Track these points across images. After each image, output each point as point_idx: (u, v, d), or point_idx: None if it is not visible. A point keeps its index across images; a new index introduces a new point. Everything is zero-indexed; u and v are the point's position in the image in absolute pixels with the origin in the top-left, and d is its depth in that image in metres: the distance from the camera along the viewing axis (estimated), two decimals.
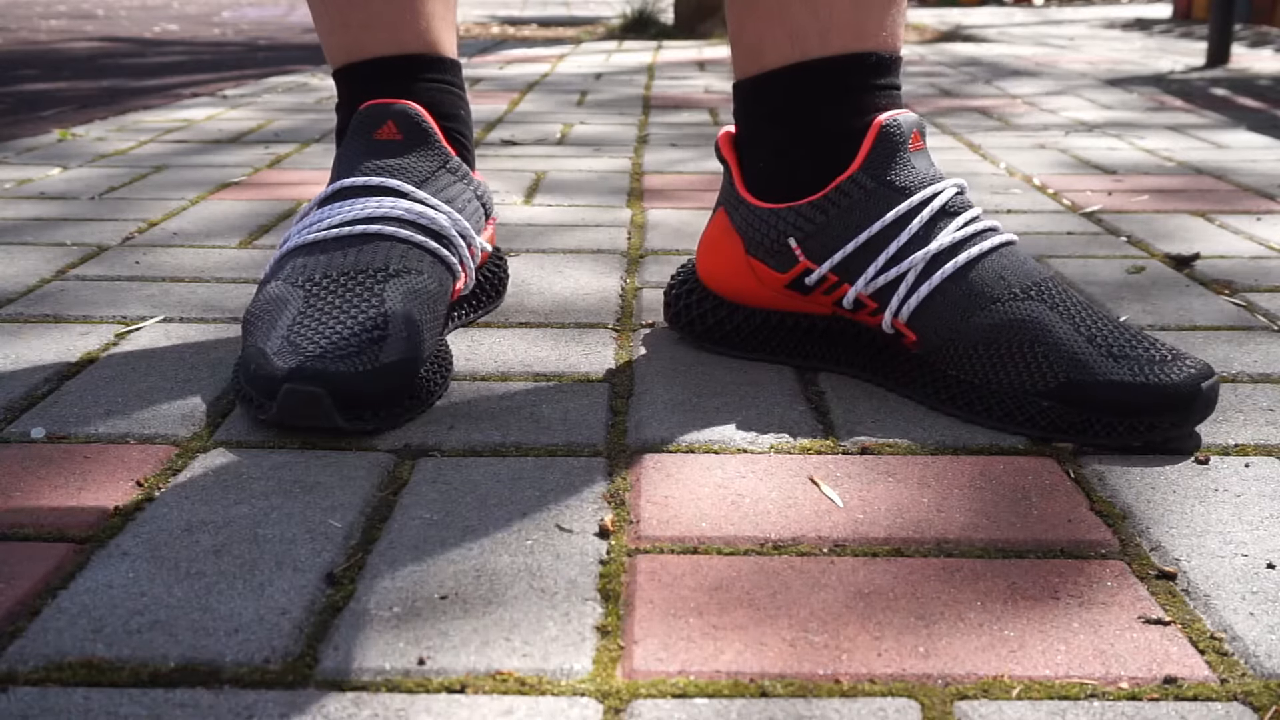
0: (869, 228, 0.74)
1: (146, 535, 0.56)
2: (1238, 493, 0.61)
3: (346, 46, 0.85)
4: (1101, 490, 0.62)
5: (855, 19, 0.75)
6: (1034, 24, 5.19)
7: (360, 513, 0.59)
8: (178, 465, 0.64)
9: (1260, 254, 1.10)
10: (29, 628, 0.48)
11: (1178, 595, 0.52)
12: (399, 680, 0.45)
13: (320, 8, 0.85)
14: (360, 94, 0.84)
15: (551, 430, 0.69)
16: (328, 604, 0.51)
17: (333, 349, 0.67)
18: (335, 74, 0.87)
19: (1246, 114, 2.08)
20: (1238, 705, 0.44)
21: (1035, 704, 0.44)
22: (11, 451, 0.65)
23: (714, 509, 0.59)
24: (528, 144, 1.73)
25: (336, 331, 0.69)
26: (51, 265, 1.03)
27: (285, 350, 0.68)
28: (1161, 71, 2.86)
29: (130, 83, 2.67)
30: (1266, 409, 0.72)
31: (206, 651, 0.47)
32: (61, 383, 0.75)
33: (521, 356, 0.81)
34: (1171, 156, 1.63)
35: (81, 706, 0.43)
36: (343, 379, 0.65)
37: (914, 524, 0.58)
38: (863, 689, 0.45)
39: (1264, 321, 0.89)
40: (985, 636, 0.48)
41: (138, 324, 0.87)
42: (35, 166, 1.52)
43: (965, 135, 1.83)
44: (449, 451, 0.66)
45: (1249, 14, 4.76)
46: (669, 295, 0.84)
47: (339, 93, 0.87)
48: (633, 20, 4.29)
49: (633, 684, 0.45)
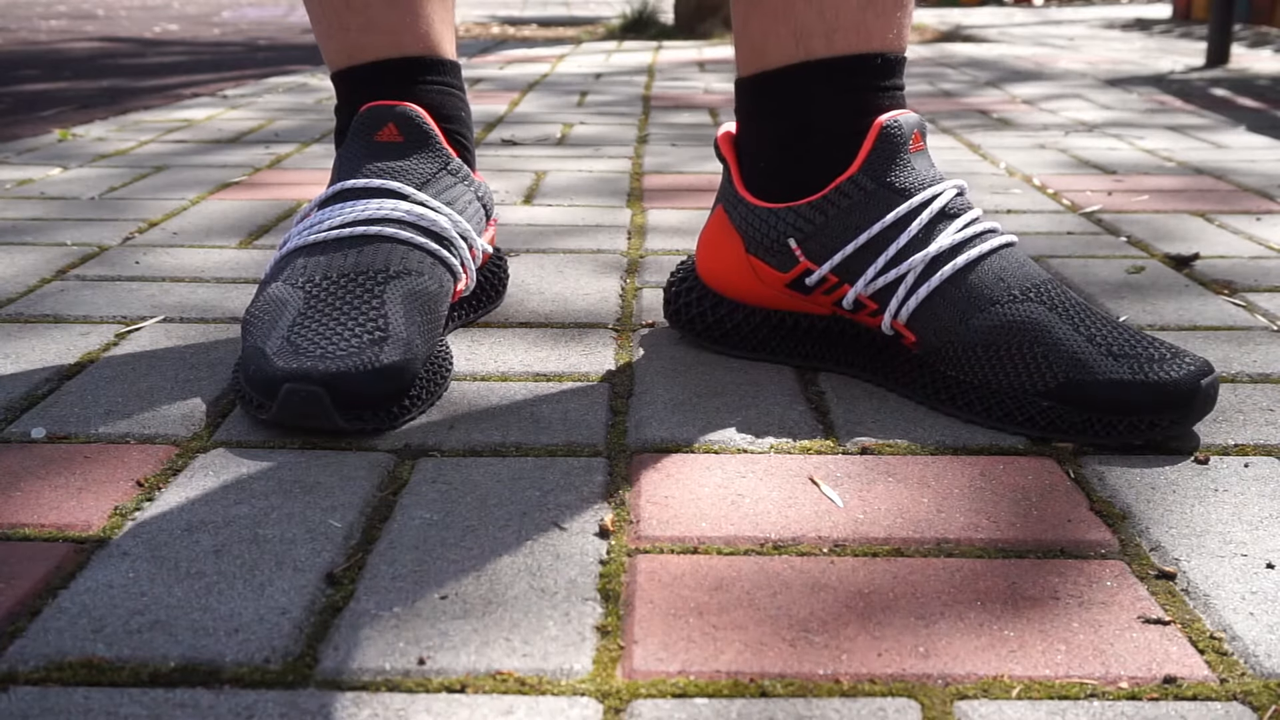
0: (868, 229, 0.74)
1: (146, 535, 0.56)
2: (1237, 493, 0.61)
3: (346, 49, 0.85)
4: (1101, 490, 0.62)
5: (862, 20, 0.74)
6: (1034, 24, 5.19)
7: (360, 513, 0.59)
8: (178, 465, 0.64)
9: (1260, 254, 1.10)
10: (29, 628, 0.48)
11: (1177, 595, 0.52)
12: (399, 680, 0.45)
13: (318, 11, 0.85)
14: (360, 96, 0.84)
15: (551, 430, 0.69)
16: (328, 604, 0.51)
17: (333, 350, 0.67)
18: (334, 76, 0.87)
19: (1246, 114, 2.08)
20: (1237, 705, 0.44)
21: (1035, 704, 0.44)
22: (11, 451, 0.65)
23: (714, 509, 0.59)
24: (528, 144, 1.73)
25: (337, 333, 0.69)
26: (51, 265, 1.03)
27: (285, 350, 0.68)
28: (1161, 72, 2.86)
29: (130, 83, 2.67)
30: (1266, 409, 0.72)
31: (206, 651, 0.47)
32: (61, 383, 0.75)
33: (521, 356, 0.81)
34: (1171, 156, 1.63)
35: (81, 706, 0.43)
36: (343, 379, 0.65)
37: (914, 524, 0.58)
38: (863, 689, 0.45)
39: (1264, 321, 0.89)
40: (985, 636, 0.48)
41: (138, 324, 0.87)
42: (35, 166, 1.52)
43: (965, 135, 1.83)
44: (449, 451, 0.66)
45: (1249, 14, 4.76)
46: (669, 292, 0.84)
47: (338, 95, 0.87)
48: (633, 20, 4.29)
49: (633, 684, 0.45)
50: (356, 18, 0.83)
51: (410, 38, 0.84)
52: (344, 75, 0.86)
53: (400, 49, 0.84)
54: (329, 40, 0.86)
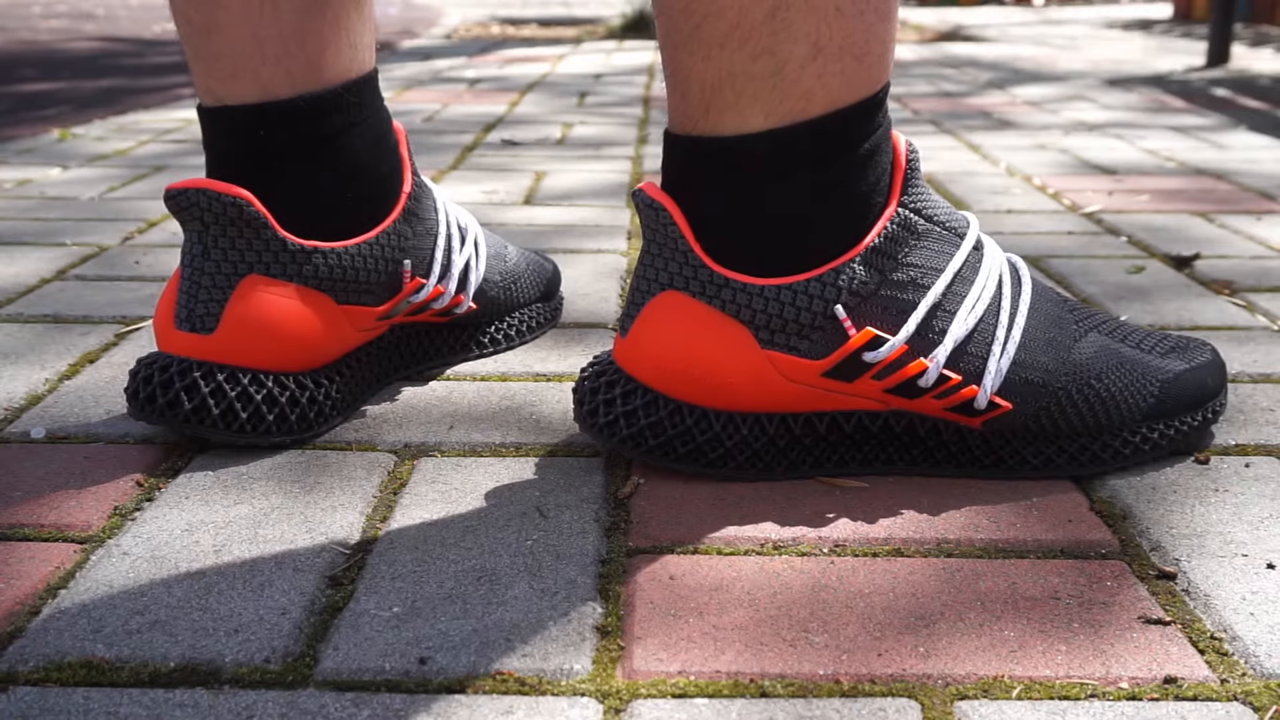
0: (938, 280, 0.60)
1: (146, 535, 0.56)
2: (1238, 493, 0.61)
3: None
4: (1101, 490, 0.62)
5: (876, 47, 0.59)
6: (1034, 24, 5.19)
7: (360, 513, 0.59)
8: (178, 465, 0.64)
9: (1260, 254, 1.10)
10: (29, 628, 0.48)
11: (1178, 595, 0.52)
12: (399, 680, 0.45)
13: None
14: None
15: (551, 430, 0.69)
16: (328, 604, 0.51)
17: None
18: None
19: (1247, 114, 2.08)
20: (1238, 705, 0.44)
21: (1035, 704, 0.44)
22: (11, 451, 0.65)
23: (714, 509, 0.59)
24: (527, 145, 1.73)
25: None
26: (51, 265, 1.03)
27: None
28: (1162, 71, 2.86)
29: (130, 83, 2.67)
30: (1266, 409, 0.72)
31: (206, 651, 0.47)
32: (61, 383, 0.75)
33: (521, 357, 0.81)
34: (1172, 157, 1.63)
35: (81, 706, 0.43)
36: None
37: (914, 524, 0.58)
38: (863, 689, 0.45)
39: (1264, 321, 0.89)
40: (985, 636, 0.48)
41: (138, 324, 0.87)
42: (35, 166, 1.52)
43: (965, 135, 1.83)
44: (449, 451, 0.66)
45: (1249, 14, 4.76)
46: (602, 417, 0.62)
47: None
48: (633, 20, 4.28)
49: (633, 684, 0.45)
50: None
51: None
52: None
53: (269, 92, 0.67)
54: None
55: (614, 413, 0.61)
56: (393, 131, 0.73)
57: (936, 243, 0.61)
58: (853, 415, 0.62)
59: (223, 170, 0.67)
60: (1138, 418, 0.64)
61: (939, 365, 0.59)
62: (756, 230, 0.60)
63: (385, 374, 0.74)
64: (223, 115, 0.67)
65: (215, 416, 0.63)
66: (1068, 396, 0.62)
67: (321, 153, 0.68)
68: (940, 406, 0.61)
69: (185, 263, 0.65)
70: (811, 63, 0.57)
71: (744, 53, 0.57)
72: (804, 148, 0.59)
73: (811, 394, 0.61)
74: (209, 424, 0.64)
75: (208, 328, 0.64)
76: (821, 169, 0.59)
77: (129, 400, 0.65)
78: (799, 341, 0.59)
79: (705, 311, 0.60)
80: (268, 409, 0.65)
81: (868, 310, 0.59)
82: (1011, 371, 0.61)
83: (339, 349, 0.69)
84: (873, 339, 0.59)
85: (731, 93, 0.58)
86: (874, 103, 0.60)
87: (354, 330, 0.69)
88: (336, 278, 0.67)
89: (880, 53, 0.59)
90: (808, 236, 0.60)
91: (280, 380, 0.65)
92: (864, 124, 0.59)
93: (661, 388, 0.61)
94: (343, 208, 0.69)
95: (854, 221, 0.60)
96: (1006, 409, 0.61)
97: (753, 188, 0.59)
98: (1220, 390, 0.67)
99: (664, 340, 0.60)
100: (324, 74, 0.67)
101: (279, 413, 0.65)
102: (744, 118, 0.58)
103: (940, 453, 0.63)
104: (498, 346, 0.81)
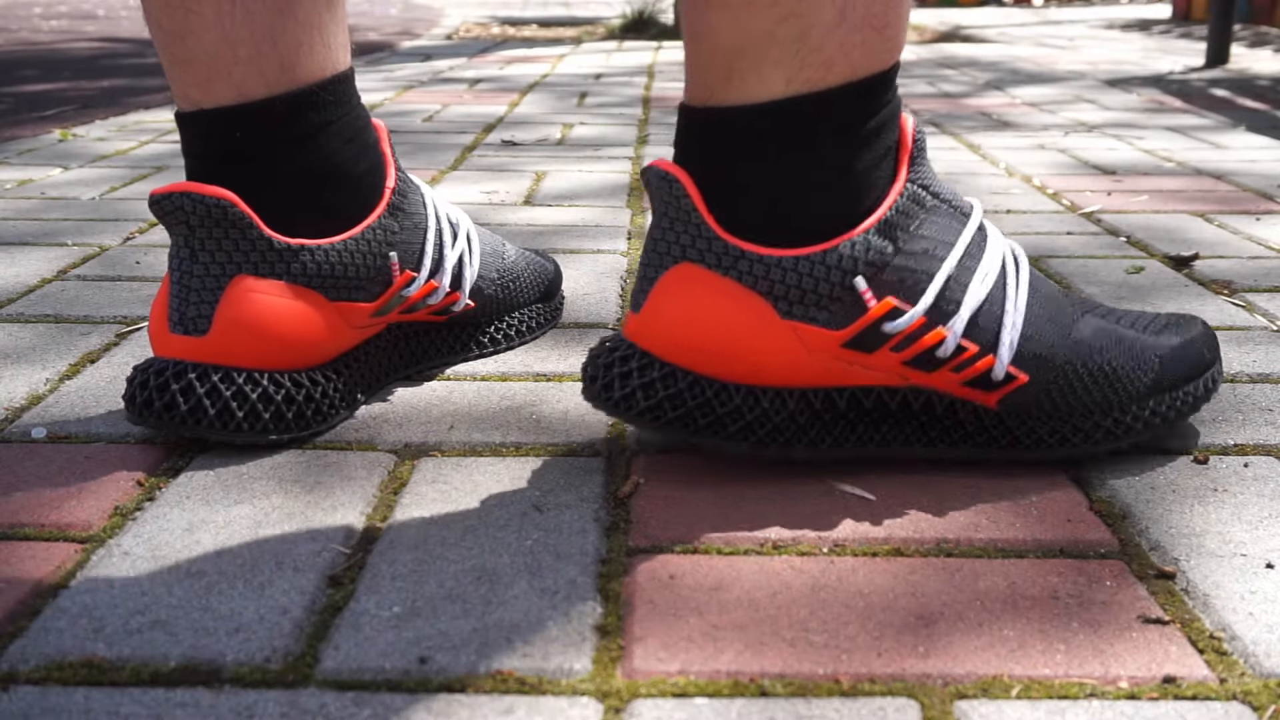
0: (950, 252, 0.61)
1: (146, 535, 0.56)
2: (1237, 493, 0.61)
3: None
4: (1101, 490, 0.62)
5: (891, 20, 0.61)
6: (1034, 24, 5.19)
7: (360, 513, 0.59)
8: (178, 465, 0.64)
9: (1260, 254, 1.10)
10: (29, 628, 0.48)
11: (1177, 595, 0.52)
12: (399, 680, 0.45)
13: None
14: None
15: (551, 430, 0.69)
16: (328, 604, 0.51)
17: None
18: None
19: (1246, 114, 2.08)
20: (1237, 705, 0.44)
21: (1035, 704, 0.44)
22: (11, 451, 0.65)
23: (714, 509, 0.59)
24: (528, 145, 1.73)
25: None
26: (51, 265, 1.03)
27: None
28: (1161, 72, 2.86)
29: (130, 83, 2.67)
30: (1265, 409, 0.72)
31: (207, 651, 0.47)
32: (62, 383, 0.75)
33: (521, 357, 0.81)
34: (1171, 157, 1.63)
35: (82, 706, 0.43)
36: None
37: (914, 524, 0.58)
38: (863, 689, 0.45)
39: (1264, 321, 0.89)
40: (985, 636, 0.49)
41: (138, 324, 0.87)
42: (35, 167, 1.52)
43: (965, 135, 1.83)
44: (449, 451, 0.66)
45: (1248, 14, 4.76)
46: (618, 391, 0.61)
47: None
48: (633, 20, 4.28)
49: (633, 684, 0.45)
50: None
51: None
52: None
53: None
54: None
55: (631, 385, 0.60)
56: (371, 128, 0.73)
57: (945, 218, 0.61)
58: (871, 391, 0.62)
59: (203, 173, 0.67)
60: (1143, 392, 0.64)
61: (957, 335, 0.60)
62: (771, 201, 0.60)
63: (385, 373, 0.74)
64: (200, 119, 0.67)
65: (211, 417, 0.64)
66: (1074, 371, 0.63)
67: (299, 152, 0.68)
68: (958, 380, 0.61)
69: (174, 267, 0.65)
70: (836, 29, 0.58)
71: (772, 14, 0.57)
72: (822, 116, 0.59)
73: (832, 367, 0.61)
74: (205, 425, 0.64)
75: (200, 330, 0.64)
76: (838, 139, 0.60)
77: (127, 406, 0.65)
78: (818, 312, 0.60)
79: (723, 283, 0.59)
80: (264, 407, 0.65)
81: (884, 280, 0.60)
82: (1022, 344, 0.62)
83: (335, 347, 0.69)
84: (892, 309, 0.59)
85: (756, 55, 0.58)
86: (888, 77, 0.61)
87: (349, 328, 0.69)
88: (325, 274, 0.67)
89: (898, 27, 0.61)
90: (822, 207, 0.60)
91: (276, 379, 0.65)
92: (879, 97, 0.60)
93: (679, 361, 0.61)
94: (324, 205, 0.69)
95: (866, 194, 0.60)
96: (1023, 381, 0.61)
97: (770, 156, 0.59)
98: (1216, 360, 0.68)
99: (682, 313, 0.60)
100: (298, 74, 0.67)
101: (275, 411, 0.65)
102: (765, 83, 0.58)
103: (957, 432, 0.63)
104: (497, 346, 0.81)
